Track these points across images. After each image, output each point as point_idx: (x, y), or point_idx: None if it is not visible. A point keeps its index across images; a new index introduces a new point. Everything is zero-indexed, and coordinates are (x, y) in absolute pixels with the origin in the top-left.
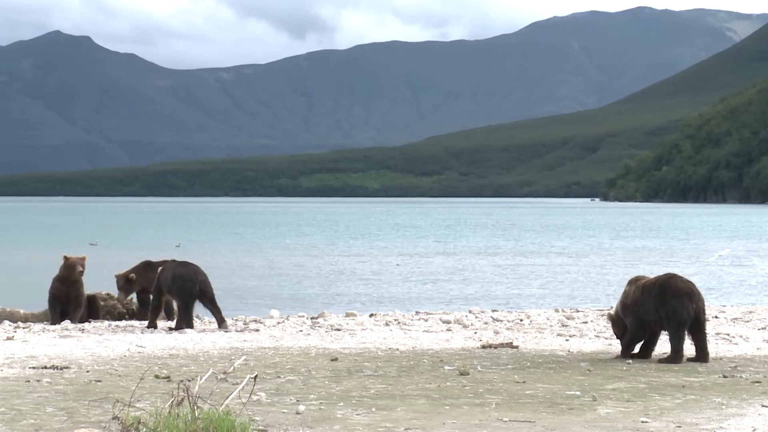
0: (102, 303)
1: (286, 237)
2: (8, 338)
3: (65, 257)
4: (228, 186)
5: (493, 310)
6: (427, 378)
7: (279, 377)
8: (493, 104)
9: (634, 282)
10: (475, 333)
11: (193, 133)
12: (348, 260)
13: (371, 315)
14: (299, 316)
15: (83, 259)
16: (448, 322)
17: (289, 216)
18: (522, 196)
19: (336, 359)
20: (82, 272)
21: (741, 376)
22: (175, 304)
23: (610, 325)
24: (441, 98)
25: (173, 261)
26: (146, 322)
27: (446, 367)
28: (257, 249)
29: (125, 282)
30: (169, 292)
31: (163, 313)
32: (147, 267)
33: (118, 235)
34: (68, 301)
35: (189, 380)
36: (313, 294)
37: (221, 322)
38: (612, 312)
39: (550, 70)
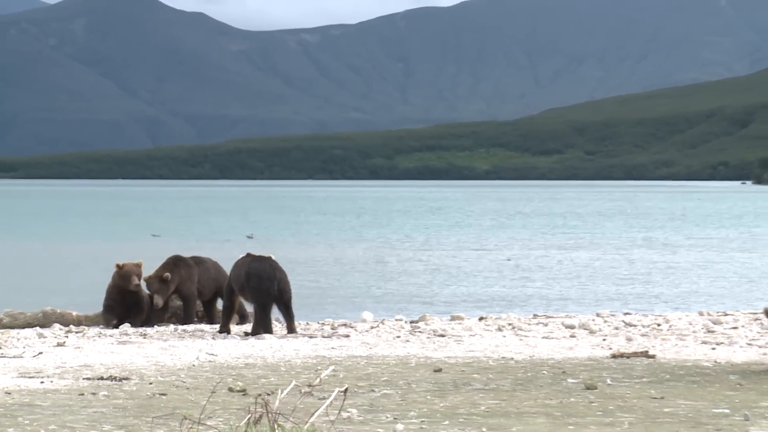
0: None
1: (381, 227)
2: (59, 344)
3: (118, 265)
4: (312, 167)
5: (626, 313)
6: (547, 392)
7: (373, 391)
8: (625, 70)
9: None
10: (604, 340)
11: (272, 106)
12: (453, 254)
13: (481, 318)
14: (396, 320)
15: (139, 266)
16: (572, 327)
17: (384, 202)
18: (659, 179)
19: (440, 370)
20: (138, 285)
21: None
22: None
23: (765, 325)
24: (563, 63)
25: (248, 255)
26: (217, 326)
27: (570, 380)
28: (346, 241)
29: (160, 283)
30: (242, 291)
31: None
32: (178, 263)
33: (185, 225)
34: (127, 308)
35: (268, 394)
36: (413, 293)
37: (291, 330)
38: None
39: (693, 30)
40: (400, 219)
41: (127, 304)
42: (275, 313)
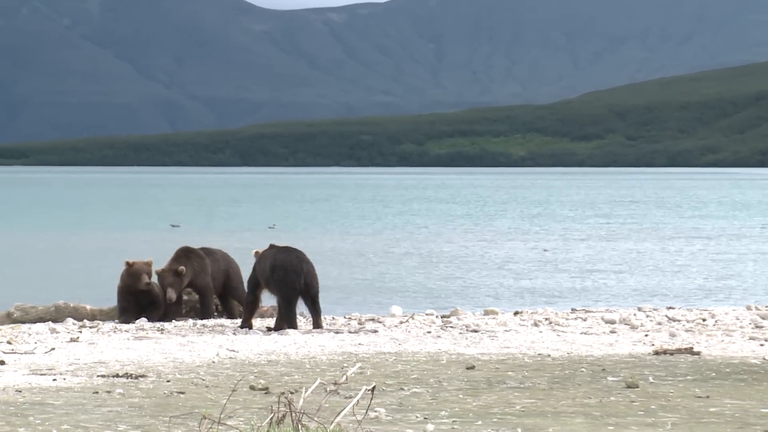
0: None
1: (411, 215)
2: (72, 340)
3: (127, 263)
4: (339, 153)
5: (669, 308)
6: (585, 391)
7: (402, 389)
8: (669, 51)
9: None
10: (646, 336)
11: (296, 89)
12: (486, 245)
13: (516, 313)
14: (427, 314)
15: (149, 264)
16: (612, 322)
17: (415, 190)
18: (705, 166)
19: (472, 367)
20: (149, 283)
21: None
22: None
23: None
24: (603, 44)
25: (272, 246)
26: (239, 322)
27: (610, 378)
28: (374, 231)
29: (174, 276)
30: (267, 284)
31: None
32: (189, 255)
33: (205, 214)
34: (142, 308)
35: (292, 392)
36: (444, 286)
37: (317, 326)
38: None
39: (741, 9)
40: (432, 207)
41: (142, 303)
42: (300, 307)
